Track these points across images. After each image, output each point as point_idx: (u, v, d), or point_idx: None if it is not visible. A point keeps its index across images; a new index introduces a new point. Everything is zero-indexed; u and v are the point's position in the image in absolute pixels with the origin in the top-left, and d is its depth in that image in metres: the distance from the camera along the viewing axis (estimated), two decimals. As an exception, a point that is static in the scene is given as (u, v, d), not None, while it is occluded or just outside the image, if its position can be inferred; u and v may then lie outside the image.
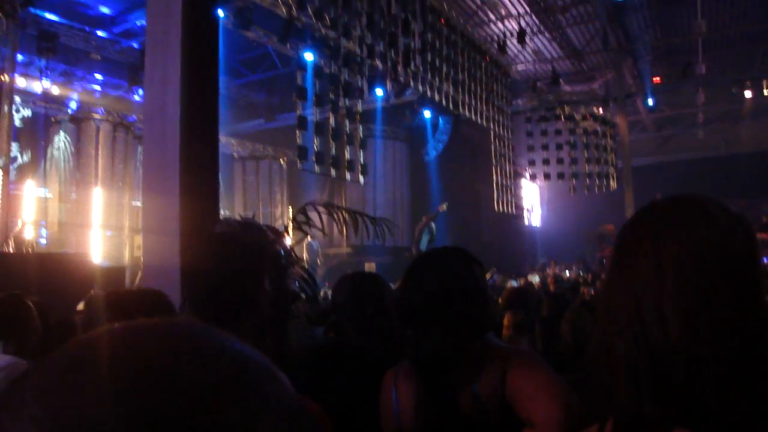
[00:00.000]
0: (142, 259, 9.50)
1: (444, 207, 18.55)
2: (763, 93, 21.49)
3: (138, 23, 14.96)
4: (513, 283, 14.67)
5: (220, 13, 12.76)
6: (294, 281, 4.79)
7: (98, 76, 16.22)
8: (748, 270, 1.08)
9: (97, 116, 16.21)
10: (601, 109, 23.20)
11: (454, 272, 2.10)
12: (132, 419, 0.44)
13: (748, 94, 21.90)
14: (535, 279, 16.99)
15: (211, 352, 0.51)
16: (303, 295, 5.48)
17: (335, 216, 5.57)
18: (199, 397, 0.47)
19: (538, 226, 29.96)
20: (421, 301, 2.06)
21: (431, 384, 2.00)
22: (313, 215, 5.74)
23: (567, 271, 20.92)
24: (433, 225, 18.53)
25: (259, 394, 0.51)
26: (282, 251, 3.09)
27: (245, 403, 0.49)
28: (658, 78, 22.27)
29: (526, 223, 28.56)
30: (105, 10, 15.30)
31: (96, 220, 15.86)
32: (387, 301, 2.88)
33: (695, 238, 1.08)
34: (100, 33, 15.48)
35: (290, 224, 6.03)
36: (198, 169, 4.76)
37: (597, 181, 23.67)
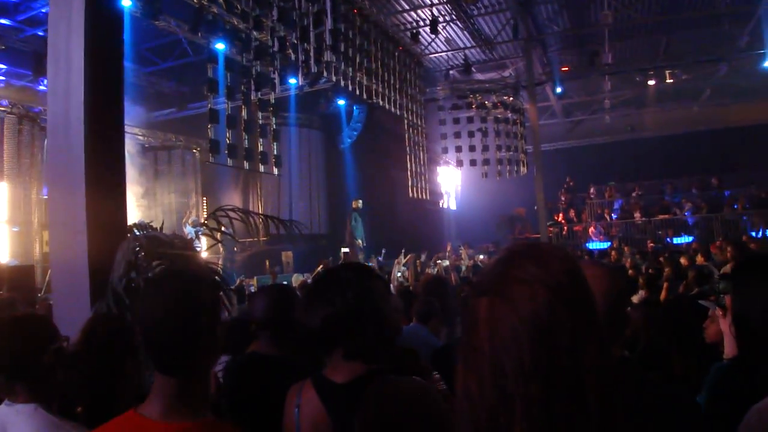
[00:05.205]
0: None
1: (359, 204, 18.62)
2: (665, 81, 22.38)
3: (43, 10, 14.37)
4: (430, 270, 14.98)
5: (128, 2, 12.50)
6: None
7: (1, 66, 15.54)
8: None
9: (1, 108, 15.55)
10: (511, 97, 23.66)
11: (351, 293, 2.10)
12: None
13: (651, 82, 22.78)
14: (444, 263, 17.27)
15: None
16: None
17: (248, 221, 5.59)
18: None
19: (454, 209, 30.41)
20: (318, 323, 2.09)
21: (333, 413, 2.06)
22: (225, 219, 5.75)
23: (482, 255, 21.33)
24: (356, 216, 18.60)
25: None
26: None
27: None
28: (566, 67, 22.88)
29: (443, 207, 28.96)
30: (8, -4, 14.71)
31: (1, 216, 15.24)
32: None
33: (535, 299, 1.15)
34: (2, 21, 14.85)
35: (204, 228, 6.02)
36: (104, 160, 4.65)
37: (508, 167, 24.17)
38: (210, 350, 1.86)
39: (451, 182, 30.00)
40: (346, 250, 17.55)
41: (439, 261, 17.16)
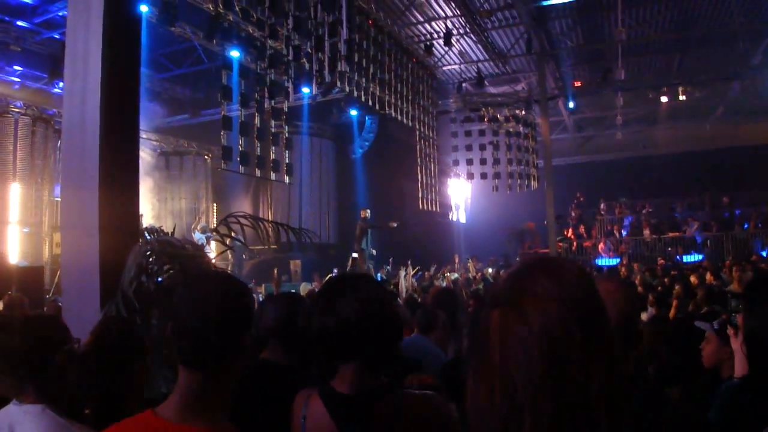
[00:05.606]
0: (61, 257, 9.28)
1: (366, 213, 18.55)
2: (678, 98, 22.33)
3: (60, 14, 14.47)
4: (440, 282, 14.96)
5: (144, 8, 12.59)
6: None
7: (17, 68, 15.67)
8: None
9: (15, 109, 15.61)
10: (523, 111, 23.68)
11: (368, 299, 2.06)
12: None
13: (664, 98, 22.73)
14: (453, 276, 17.28)
15: None
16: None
17: (258, 228, 5.58)
18: None
19: (463, 222, 30.37)
20: (334, 327, 2.03)
21: (341, 425, 2.02)
22: (236, 225, 5.74)
23: (490, 268, 21.30)
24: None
25: None
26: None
27: None
28: (579, 82, 22.88)
29: (453, 219, 28.94)
30: (26, -1, 14.82)
31: (13, 217, 15.30)
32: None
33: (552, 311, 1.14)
34: (20, 23, 14.96)
35: (214, 234, 6.03)
36: (118, 164, 4.65)
37: (519, 181, 24.17)
38: (241, 350, 1.83)
39: (461, 195, 29.98)
40: (355, 255, 17.56)
41: (448, 274, 17.13)
